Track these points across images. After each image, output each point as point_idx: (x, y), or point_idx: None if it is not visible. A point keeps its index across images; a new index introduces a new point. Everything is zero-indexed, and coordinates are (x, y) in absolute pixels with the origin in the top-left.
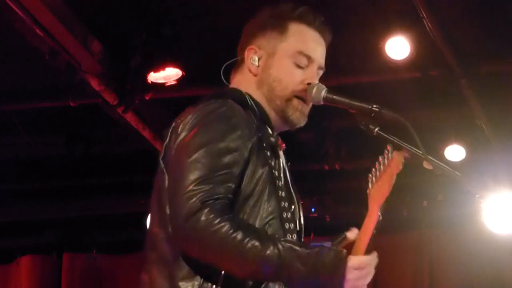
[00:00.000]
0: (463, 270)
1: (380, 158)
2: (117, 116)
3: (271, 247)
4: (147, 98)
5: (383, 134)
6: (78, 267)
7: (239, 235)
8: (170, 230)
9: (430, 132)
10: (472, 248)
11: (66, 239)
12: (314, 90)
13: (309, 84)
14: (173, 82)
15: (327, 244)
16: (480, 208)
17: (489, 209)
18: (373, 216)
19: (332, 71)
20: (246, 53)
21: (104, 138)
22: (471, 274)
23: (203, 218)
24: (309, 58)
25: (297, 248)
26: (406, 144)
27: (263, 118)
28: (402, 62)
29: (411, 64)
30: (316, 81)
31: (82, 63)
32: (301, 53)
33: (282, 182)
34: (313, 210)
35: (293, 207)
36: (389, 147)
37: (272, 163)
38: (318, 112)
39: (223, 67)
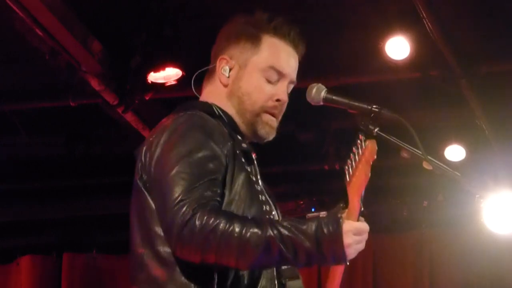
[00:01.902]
0: (463, 270)
1: (354, 149)
2: (117, 116)
3: (270, 229)
4: (147, 98)
5: (382, 134)
6: (78, 267)
7: (237, 227)
8: (157, 248)
9: (430, 132)
10: (472, 248)
11: (66, 239)
12: (314, 90)
13: (278, 100)
14: (173, 82)
15: (323, 213)
16: (480, 208)
17: (489, 209)
18: (354, 207)
19: (332, 71)
20: (217, 62)
21: (104, 138)
22: (471, 274)
23: (197, 222)
24: (280, 74)
25: (295, 223)
26: (406, 144)
27: (232, 126)
28: (402, 62)
29: (411, 64)
30: (285, 96)
31: (82, 63)
32: (272, 68)
33: (261, 186)
34: (313, 210)
35: (273, 209)
36: (361, 136)
37: (248, 169)
38: (318, 112)
39: (194, 76)
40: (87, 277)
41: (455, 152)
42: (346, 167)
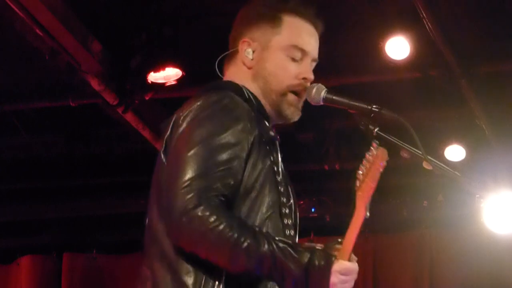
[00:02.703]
0: (463, 270)
1: (367, 155)
2: (117, 116)
3: (266, 246)
4: (147, 98)
5: (382, 134)
6: (78, 267)
7: (235, 234)
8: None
9: (430, 132)
10: (472, 248)
11: (66, 239)
12: (314, 90)
13: (304, 78)
14: (173, 82)
15: (320, 246)
16: (480, 208)
17: (489, 209)
18: (360, 214)
19: (332, 71)
20: (240, 45)
21: (104, 138)
22: (471, 274)
23: (199, 214)
24: (303, 52)
25: (290, 248)
26: (405, 145)
27: (261, 111)
28: (402, 62)
29: (411, 64)
30: (311, 74)
31: (82, 63)
32: (295, 47)
33: (281, 177)
34: (313, 210)
35: (291, 201)
36: (374, 144)
37: (272, 158)
38: (318, 112)
39: (217, 60)
40: (87, 277)
41: (455, 152)
42: (358, 172)
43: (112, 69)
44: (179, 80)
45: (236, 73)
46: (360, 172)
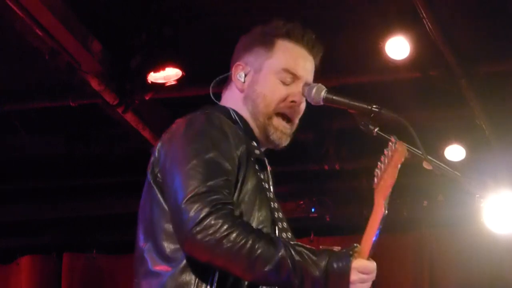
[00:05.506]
0: (463, 270)
1: (385, 151)
2: (117, 116)
3: (283, 250)
4: (147, 98)
5: (382, 134)
6: (78, 267)
7: (250, 240)
8: (161, 243)
9: (430, 132)
10: (472, 248)
11: (66, 239)
12: (314, 90)
13: (293, 102)
14: (173, 82)
15: (337, 248)
16: (480, 208)
17: (489, 209)
18: (378, 212)
19: (332, 71)
20: (233, 69)
21: (104, 138)
22: (471, 274)
23: (212, 222)
24: (294, 76)
25: (307, 251)
26: (405, 145)
27: (247, 132)
28: (402, 62)
29: (411, 64)
30: (301, 98)
31: (82, 63)
32: (286, 70)
33: (273, 194)
34: (313, 210)
35: (282, 218)
36: (393, 139)
37: (261, 176)
38: (318, 112)
39: (212, 84)
40: (87, 277)
41: (455, 152)
42: (376, 171)
43: (112, 69)
44: (179, 80)
45: (229, 97)
46: (378, 169)
